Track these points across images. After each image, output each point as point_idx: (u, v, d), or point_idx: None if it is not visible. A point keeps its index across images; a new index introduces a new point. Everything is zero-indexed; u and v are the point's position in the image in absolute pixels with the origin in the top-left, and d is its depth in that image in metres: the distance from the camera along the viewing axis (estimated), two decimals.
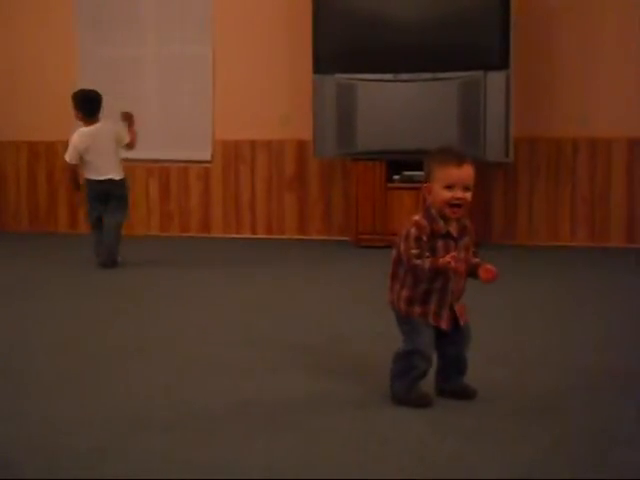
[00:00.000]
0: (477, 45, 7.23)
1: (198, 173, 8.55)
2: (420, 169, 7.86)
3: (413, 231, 3.11)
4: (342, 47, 7.50)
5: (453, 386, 3.27)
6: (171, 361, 3.90)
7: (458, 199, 3.09)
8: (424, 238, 3.09)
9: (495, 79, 7.15)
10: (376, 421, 3.04)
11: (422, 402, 3.16)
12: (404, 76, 7.33)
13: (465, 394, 3.26)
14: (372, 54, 7.43)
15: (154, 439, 2.87)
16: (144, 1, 8.57)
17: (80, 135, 6.64)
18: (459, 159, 3.12)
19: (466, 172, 3.12)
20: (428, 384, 3.24)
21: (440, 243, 3.12)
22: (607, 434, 2.90)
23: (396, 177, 7.50)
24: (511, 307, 4.95)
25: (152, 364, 3.85)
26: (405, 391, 3.18)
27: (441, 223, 3.13)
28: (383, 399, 3.23)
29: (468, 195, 3.12)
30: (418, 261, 3.07)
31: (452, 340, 3.21)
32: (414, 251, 3.08)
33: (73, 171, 6.73)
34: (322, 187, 8.25)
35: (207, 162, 8.54)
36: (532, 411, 3.15)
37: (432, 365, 3.20)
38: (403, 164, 7.47)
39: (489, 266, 3.15)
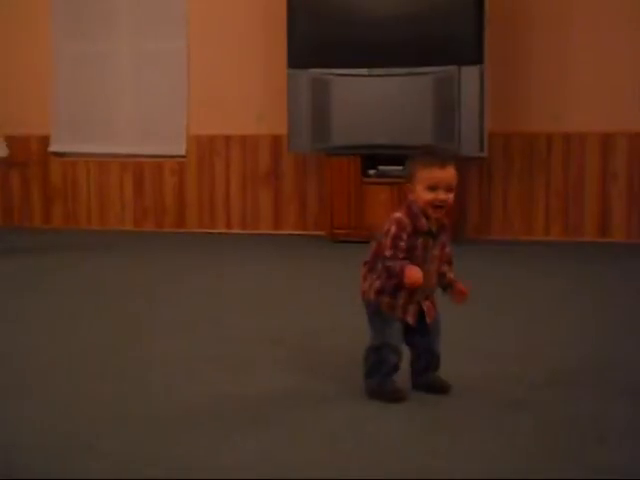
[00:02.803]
0: (451, 40, 7.23)
1: (172, 168, 8.53)
2: (395, 164, 7.89)
3: (393, 229, 3.13)
4: (317, 42, 7.49)
5: (427, 380, 3.28)
6: (146, 357, 3.88)
7: (441, 201, 3.11)
8: (404, 236, 3.11)
9: (469, 74, 7.16)
10: (353, 416, 3.04)
11: (396, 397, 3.17)
12: (378, 71, 7.33)
13: (440, 388, 3.27)
14: (347, 49, 7.43)
15: (133, 436, 2.86)
16: None
17: None
18: (442, 161, 3.14)
19: (449, 173, 3.13)
20: (403, 379, 3.25)
21: (420, 241, 3.14)
22: (584, 430, 2.91)
23: (371, 172, 7.50)
24: (487, 301, 4.96)
25: (128, 361, 3.83)
26: (378, 385, 3.19)
27: (424, 220, 3.14)
28: (359, 394, 3.23)
29: (451, 196, 3.14)
30: (390, 263, 3.10)
31: (420, 332, 3.23)
32: (388, 252, 3.10)
33: None
34: (297, 182, 8.24)
35: (181, 157, 8.51)
36: (509, 406, 3.16)
37: (402, 358, 3.20)
38: (378, 159, 7.48)
39: (461, 287, 3.22)
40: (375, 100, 7.36)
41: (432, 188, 3.11)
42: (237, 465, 2.61)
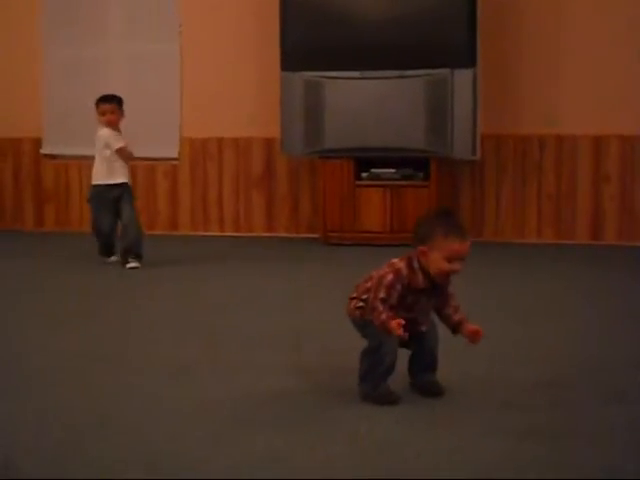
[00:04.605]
0: (444, 43, 7.24)
1: (165, 171, 8.52)
2: (388, 167, 7.88)
3: (390, 277, 3.14)
4: (310, 45, 7.49)
5: (423, 382, 3.29)
6: (135, 361, 3.88)
7: (456, 271, 3.16)
8: (398, 287, 3.13)
9: (462, 77, 7.17)
10: (343, 418, 3.04)
11: (389, 400, 3.17)
12: (371, 74, 7.34)
13: (434, 392, 3.27)
14: (339, 52, 7.43)
15: (119, 439, 2.85)
16: None
17: None
18: (463, 235, 3.17)
19: (467, 246, 3.17)
20: (398, 382, 3.25)
21: (410, 297, 3.16)
22: (571, 432, 2.92)
23: (364, 175, 7.51)
24: (478, 303, 4.96)
25: (115, 365, 3.83)
26: (372, 388, 3.20)
27: (420, 278, 3.15)
28: (350, 396, 3.24)
29: (463, 265, 3.17)
30: (378, 312, 3.10)
31: (416, 336, 3.23)
32: (381, 294, 3.11)
33: None
34: (290, 185, 8.24)
35: (174, 160, 8.50)
36: (499, 407, 3.17)
37: (397, 359, 3.20)
38: (371, 162, 7.48)
39: (471, 328, 3.22)
40: (368, 103, 7.36)
41: (450, 259, 3.13)
42: (226, 467, 2.61)
